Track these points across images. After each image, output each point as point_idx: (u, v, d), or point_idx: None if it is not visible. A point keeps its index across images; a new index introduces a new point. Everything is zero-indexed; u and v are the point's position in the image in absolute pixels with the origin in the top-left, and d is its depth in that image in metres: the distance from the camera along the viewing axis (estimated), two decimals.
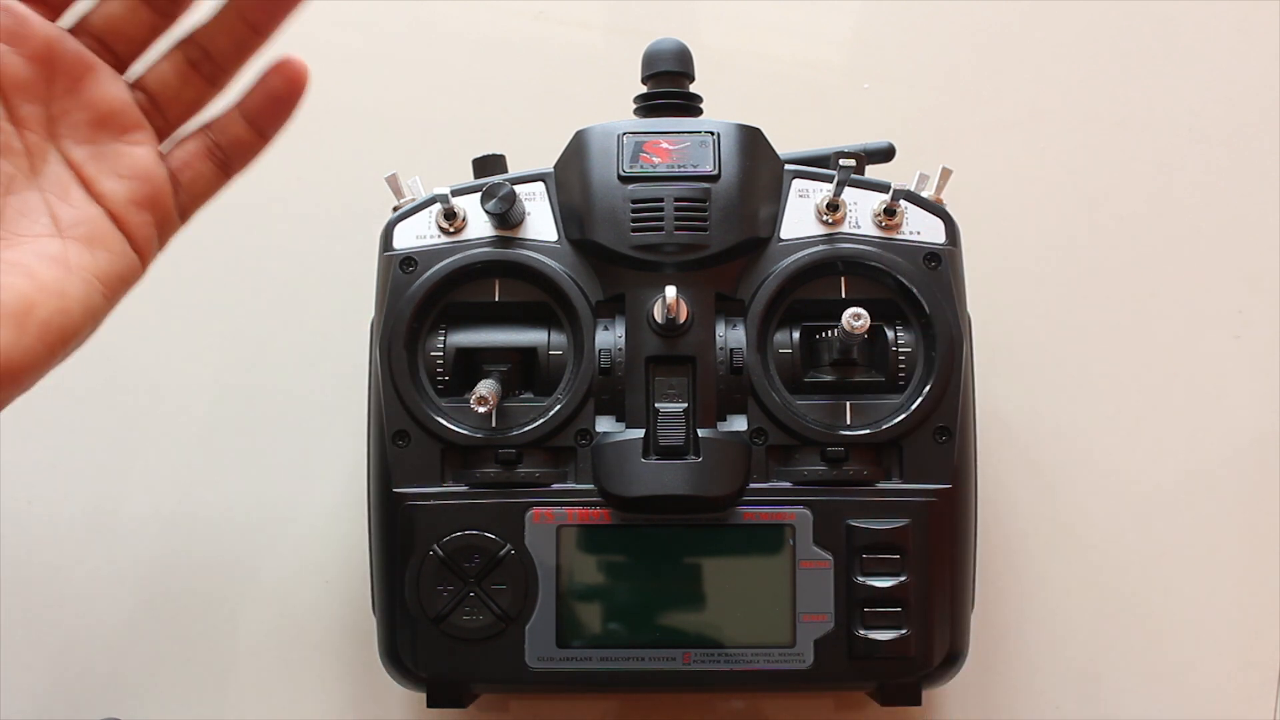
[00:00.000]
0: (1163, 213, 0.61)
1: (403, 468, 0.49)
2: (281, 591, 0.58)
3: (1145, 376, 0.60)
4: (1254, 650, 0.58)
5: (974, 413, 0.51)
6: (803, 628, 0.48)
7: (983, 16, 0.62)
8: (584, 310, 0.49)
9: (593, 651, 0.49)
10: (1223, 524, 0.59)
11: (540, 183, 0.50)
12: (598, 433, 0.49)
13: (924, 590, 0.48)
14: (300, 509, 0.59)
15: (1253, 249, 0.60)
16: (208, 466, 0.59)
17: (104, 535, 0.58)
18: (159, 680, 0.58)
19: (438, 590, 0.48)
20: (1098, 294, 0.60)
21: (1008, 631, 0.58)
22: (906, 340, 0.50)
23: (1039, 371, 0.60)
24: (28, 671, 0.58)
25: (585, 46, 0.62)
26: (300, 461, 0.59)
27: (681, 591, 0.49)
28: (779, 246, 0.50)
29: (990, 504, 0.56)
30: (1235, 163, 0.61)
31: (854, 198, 0.50)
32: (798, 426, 0.49)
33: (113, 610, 0.58)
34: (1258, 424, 0.59)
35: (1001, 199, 0.61)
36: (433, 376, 0.50)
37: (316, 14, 0.62)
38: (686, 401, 0.48)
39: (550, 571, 0.48)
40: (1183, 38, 0.62)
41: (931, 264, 0.50)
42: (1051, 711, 0.58)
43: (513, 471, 0.49)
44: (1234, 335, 0.60)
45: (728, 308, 0.49)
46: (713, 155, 0.48)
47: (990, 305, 0.57)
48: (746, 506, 0.48)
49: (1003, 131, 0.61)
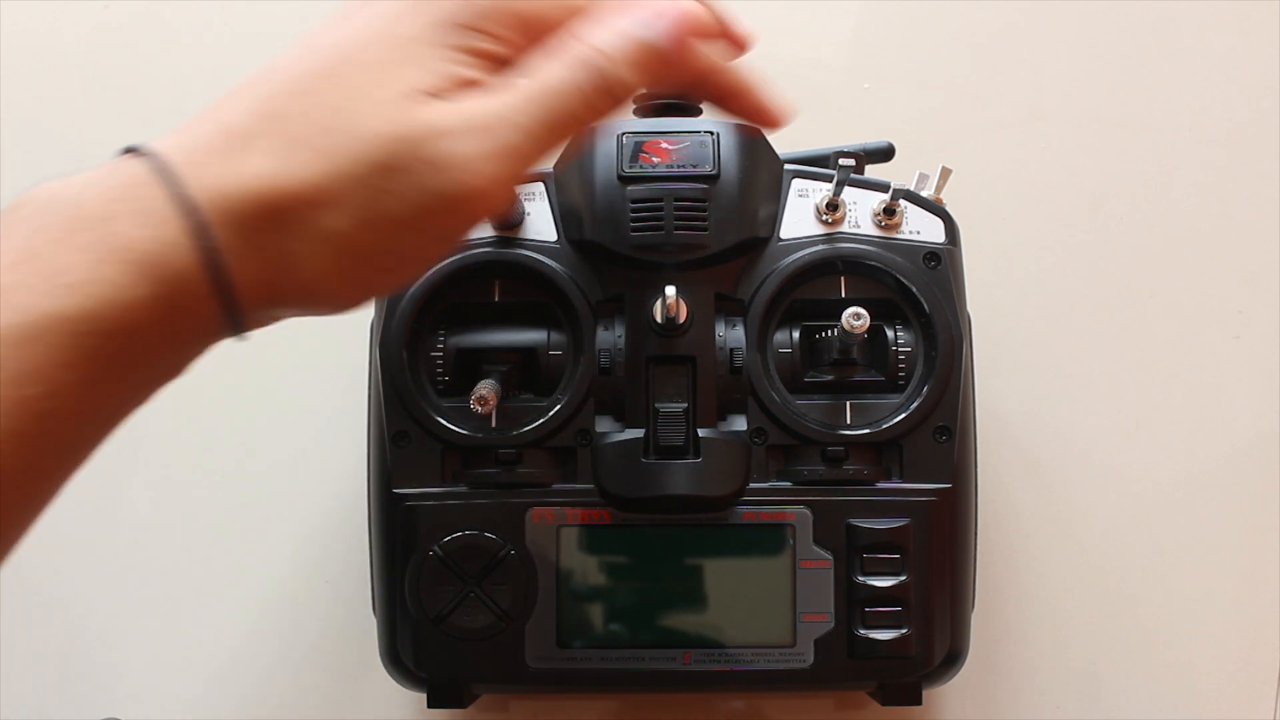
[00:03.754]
0: (1163, 213, 0.61)
1: (403, 468, 0.49)
2: (281, 591, 0.58)
3: (1145, 376, 0.60)
4: (1254, 650, 0.58)
5: (974, 412, 0.51)
6: (803, 627, 0.48)
7: (983, 16, 0.62)
8: (584, 310, 0.49)
9: (593, 651, 0.49)
10: (1223, 524, 0.59)
11: (540, 183, 0.50)
12: (598, 433, 0.49)
13: (924, 590, 0.48)
14: (300, 509, 0.59)
15: (1253, 249, 0.60)
16: (207, 466, 0.59)
17: (104, 535, 0.58)
18: (159, 680, 0.58)
19: (438, 590, 0.48)
20: (1098, 294, 0.60)
21: (1008, 631, 0.58)
22: (906, 340, 0.50)
23: (1039, 371, 0.60)
24: (28, 671, 0.58)
25: None
26: (300, 461, 0.59)
27: (682, 591, 0.49)
28: (779, 246, 0.50)
29: (990, 504, 0.56)
30: (1235, 163, 0.61)
31: (854, 197, 0.50)
32: (798, 426, 0.49)
33: (113, 610, 0.58)
34: (1258, 424, 0.59)
35: (1001, 199, 0.61)
36: (433, 376, 0.50)
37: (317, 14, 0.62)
38: (686, 401, 0.48)
39: (550, 571, 0.48)
40: (1183, 38, 0.62)
41: (931, 263, 0.50)
42: (1051, 711, 0.58)
43: (513, 471, 0.49)
44: (1234, 335, 0.60)
45: (728, 307, 0.49)
46: (712, 155, 0.48)
47: (990, 305, 0.57)
48: (746, 506, 0.48)
49: (1003, 131, 0.61)
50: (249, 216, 0.31)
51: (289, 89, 0.32)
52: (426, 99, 0.32)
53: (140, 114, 0.60)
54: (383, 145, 0.31)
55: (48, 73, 0.62)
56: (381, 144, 0.31)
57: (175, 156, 0.31)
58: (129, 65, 0.62)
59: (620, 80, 0.34)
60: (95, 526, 0.58)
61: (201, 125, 0.32)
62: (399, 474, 0.49)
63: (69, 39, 0.62)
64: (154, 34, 0.62)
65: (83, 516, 0.58)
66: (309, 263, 0.32)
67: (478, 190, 0.32)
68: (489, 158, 0.32)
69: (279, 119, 0.31)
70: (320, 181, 0.31)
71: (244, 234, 0.31)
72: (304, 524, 0.59)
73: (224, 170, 0.31)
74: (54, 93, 0.62)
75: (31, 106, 0.62)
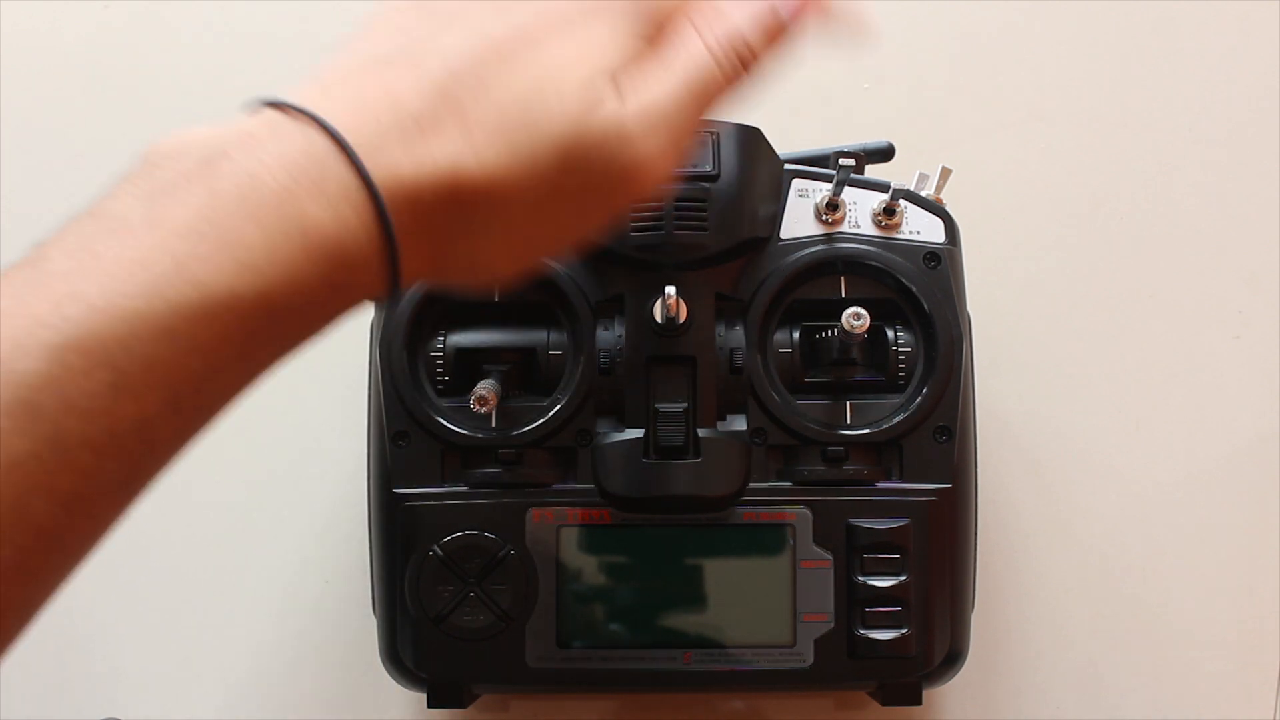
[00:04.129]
0: (1163, 213, 0.61)
1: (403, 468, 0.49)
2: (281, 591, 0.58)
3: (1145, 376, 0.60)
4: (1254, 650, 0.58)
5: (974, 413, 0.51)
6: (803, 627, 0.48)
7: (983, 16, 0.62)
8: (584, 310, 0.49)
9: (593, 651, 0.49)
10: (1223, 524, 0.59)
11: None
12: (598, 433, 0.49)
13: (924, 590, 0.48)
14: (300, 509, 0.59)
15: (1253, 249, 0.60)
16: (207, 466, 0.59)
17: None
18: (159, 680, 0.58)
19: (438, 590, 0.48)
20: (1098, 294, 0.60)
21: (1008, 631, 0.58)
22: (906, 340, 0.50)
23: (1039, 371, 0.60)
24: (28, 671, 0.58)
25: None
26: (300, 461, 0.59)
27: (682, 591, 0.49)
28: (779, 246, 0.50)
29: (990, 504, 0.56)
30: (1235, 163, 0.61)
31: (854, 197, 0.50)
32: (798, 426, 0.49)
33: (113, 610, 0.58)
34: (1258, 424, 0.59)
35: (1001, 199, 0.61)
36: (433, 376, 0.50)
37: (317, 14, 0.62)
38: (686, 401, 0.48)
39: (550, 571, 0.48)
40: (1183, 38, 0.62)
41: (931, 264, 0.50)
42: (1052, 711, 0.58)
43: (513, 471, 0.49)
44: (1234, 335, 0.60)
45: (727, 308, 0.49)
46: (712, 155, 0.48)
47: (990, 305, 0.57)
48: (747, 506, 0.48)
49: (1003, 131, 0.61)
50: (429, 204, 0.31)
51: (471, 72, 0.32)
52: (607, 89, 0.32)
53: (140, 114, 0.60)
54: (568, 143, 0.32)
55: (48, 73, 0.62)
56: (567, 142, 0.32)
57: (356, 137, 0.30)
58: (129, 65, 0.62)
59: (752, 52, 0.35)
60: None
61: (370, 94, 0.31)
62: (399, 474, 0.49)
63: (69, 39, 0.62)
64: (154, 34, 0.62)
65: None
66: (481, 246, 0.32)
67: (651, 175, 0.33)
68: (663, 148, 0.33)
69: (461, 105, 0.31)
70: (504, 176, 0.31)
71: (421, 220, 0.31)
72: (304, 524, 0.59)
73: (407, 157, 0.30)
74: (54, 93, 0.62)
75: (31, 106, 0.62)
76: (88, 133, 0.61)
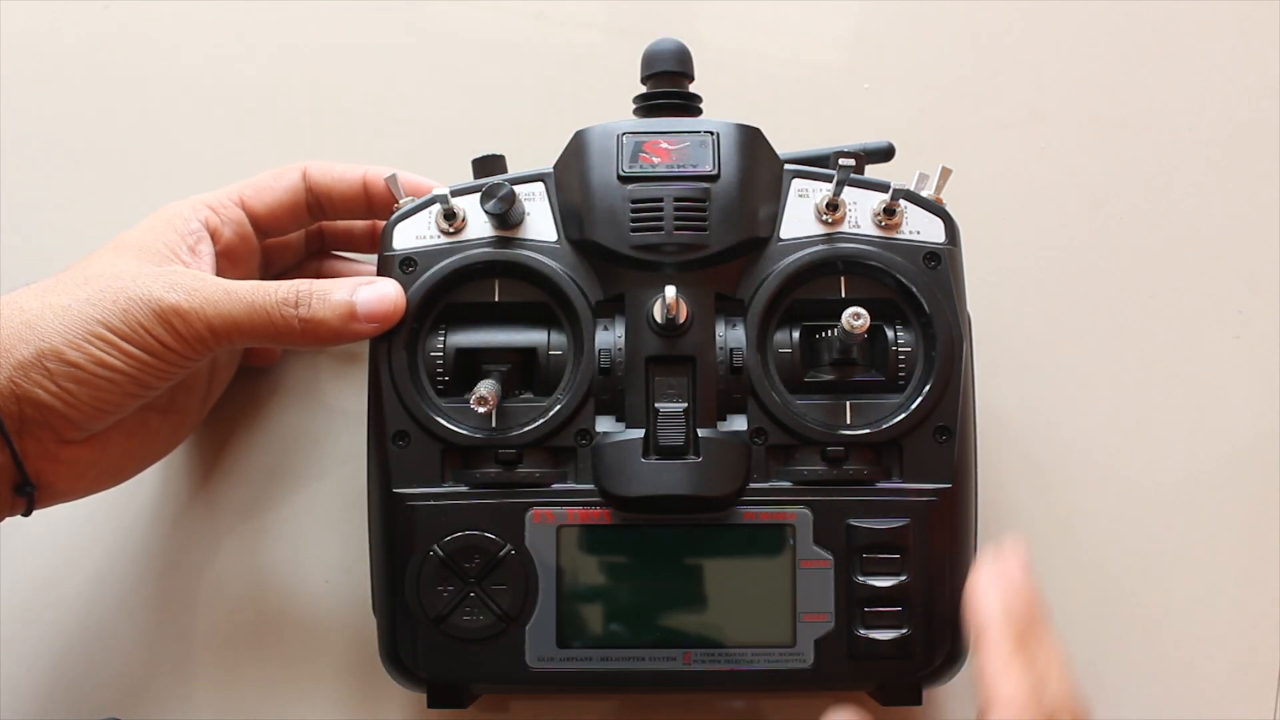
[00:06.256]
0: (1163, 213, 0.61)
1: (403, 468, 0.49)
2: (281, 591, 0.58)
3: (1145, 376, 0.59)
4: (1254, 650, 0.58)
5: (974, 412, 0.51)
6: (803, 628, 0.48)
7: (983, 16, 0.62)
8: (584, 310, 0.49)
9: (593, 651, 0.49)
10: (1223, 524, 0.59)
11: (540, 183, 0.50)
12: (598, 433, 0.49)
13: (924, 590, 0.48)
14: (300, 509, 0.59)
15: (1253, 249, 0.60)
16: (206, 465, 0.59)
17: (104, 535, 0.58)
18: (159, 680, 0.58)
19: (438, 590, 0.48)
20: (1098, 294, 0.60)
21: None
22: (906, 340, 0.50)
23: (1039, 371, 0.60)
24: (28, 671, 0.58)
25: (585, 46, 0.62)
26: (300, 461, 0.59)
27: (682, 591, 0.49)
28: (779, 246, 0.50)
29: (990, 504, 0.56)
30: (1235, 163, 0.61)
31: (854, 197, 0.50)
32: (798, 426, 0.49)
33: (113, 610, 0.58)
34: (1258, 424, 0.59)
35: (1001, 199, 0.61)
36: (433, 376, 0.50)
37: (317, 14, 0.62)
38: (686, 401, 0.48)
39: (550, 572, 0.48)
40: (1183, 38, 0.62)
41: (931, 263, 0.50)
42: None
43: (513, 471, 0.49)
44: (1234, 335, 0.60)
45: (727, 307, 0.49)
46: (712, 155, 0.48)
47: (990, 305, 0.57)
48: (746, 506, 0.48)
49: (1003, 131, 0.61)
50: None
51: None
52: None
53: (140, 114, 0.60)
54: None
55: (48, 73, 0.62)
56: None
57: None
58: (129, 65, 0.61)
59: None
60: (95, 526, 0.58)
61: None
62: (399, 474, 0.49)
63: (69, 39, 0.62)
64: (154, 34, 0.62)
65: (83, 516, 0.58)
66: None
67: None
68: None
69: None
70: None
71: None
72: (304, 525, 0.58)
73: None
74: (54, 93, 0.62)
75: (31, 106, 0.62)
76: (88, 133, 0.61)
